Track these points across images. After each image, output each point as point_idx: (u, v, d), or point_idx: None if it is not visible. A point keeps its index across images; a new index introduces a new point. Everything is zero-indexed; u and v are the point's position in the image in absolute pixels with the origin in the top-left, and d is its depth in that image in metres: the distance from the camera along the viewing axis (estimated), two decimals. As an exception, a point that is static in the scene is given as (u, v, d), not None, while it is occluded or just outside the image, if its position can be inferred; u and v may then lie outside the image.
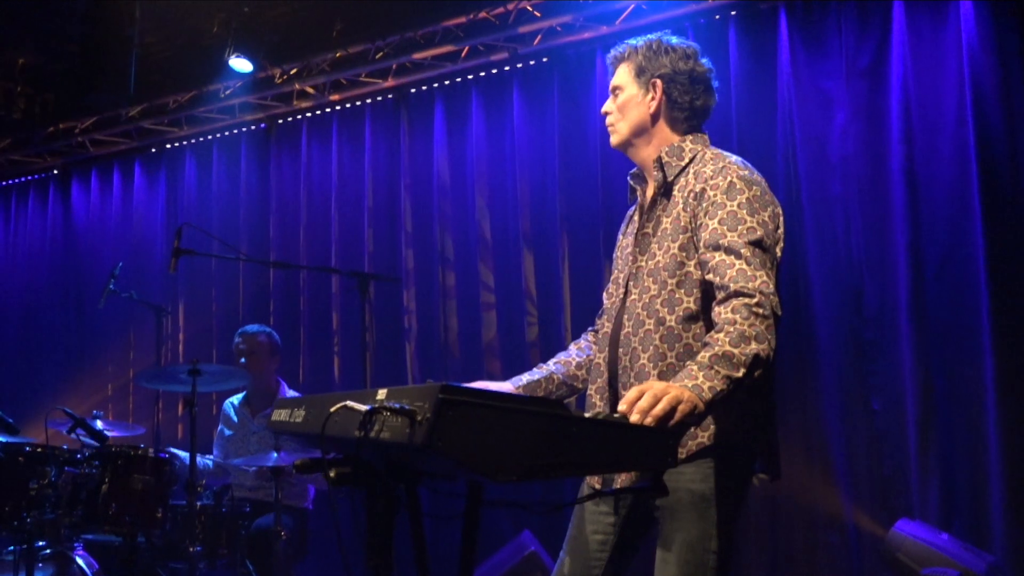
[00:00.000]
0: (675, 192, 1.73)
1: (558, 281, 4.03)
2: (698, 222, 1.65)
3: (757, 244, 1.58)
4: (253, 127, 4.94)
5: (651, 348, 1.67)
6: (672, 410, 1.34)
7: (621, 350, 1.74)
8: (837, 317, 3.49)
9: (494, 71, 4.33)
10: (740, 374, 1.44)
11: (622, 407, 1.35)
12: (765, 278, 1.55)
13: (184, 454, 3.28)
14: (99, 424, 3.28)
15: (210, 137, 5.06)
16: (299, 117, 4.82)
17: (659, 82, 1.78)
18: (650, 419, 1.33)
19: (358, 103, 4.66)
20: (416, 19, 4.27)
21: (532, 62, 4.24)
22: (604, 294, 1.91)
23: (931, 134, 3.40)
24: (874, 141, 3.51)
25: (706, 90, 1.81)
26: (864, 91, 3.55)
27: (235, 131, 4.98)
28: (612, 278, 1.87)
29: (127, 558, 2.98)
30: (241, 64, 4.45)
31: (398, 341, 4.37)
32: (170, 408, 4.71)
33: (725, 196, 1.63)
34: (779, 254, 1.68)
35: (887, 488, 3.34)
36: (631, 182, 1.87)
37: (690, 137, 1.78)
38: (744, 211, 1.61)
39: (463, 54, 4.30)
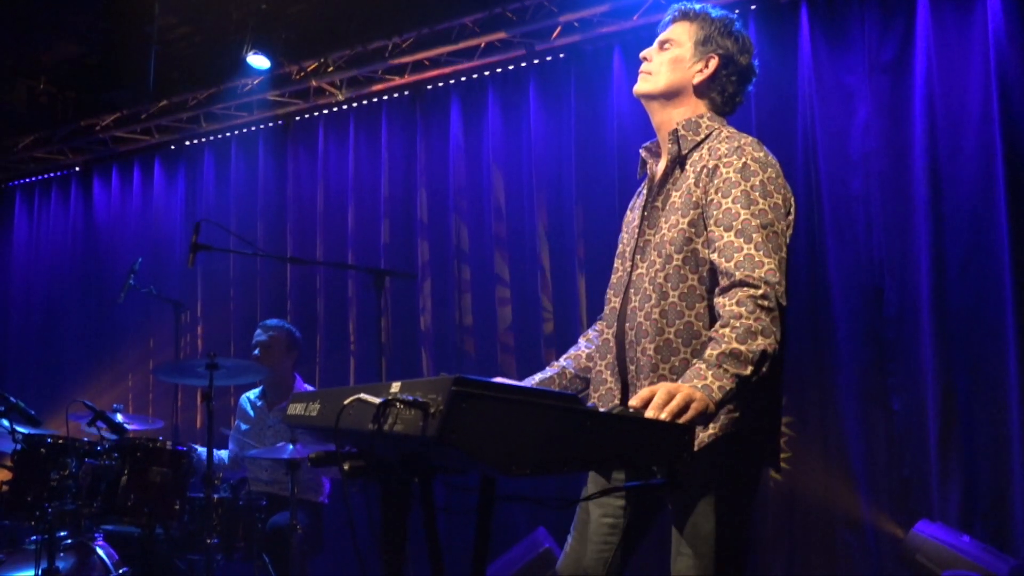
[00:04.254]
0: (688, 166, 1.71)
1: (573, 277, 4.02)
2: (709, 198, 1.62)
3: (768, 227, 1.56)
4: (271, 124, 4.97)
5: (652, 320, 1.66)
6: (686, 407, 1.35)
7: (627, 324, 1.72)
8: (857, 316, 3.44)
9: (511, 68, 4.32)
10: (748, 372, 1.43)
11: (633, 403, 1.35)
12: (772, 266, 1.52)
13: (202, 449, 3.30)
14: (119, 417, 3.32)
15: (228, 134, 5.10)
16: (316, 114, 4.84)
17: (716, 59, 1.76)
18: (665, 414, 1.33)
19: (375, 100, 4.67)
20: (433, 15, 4.26)
21: (549, 58, 4.22)
22: (617, 259, 1.88)
23: (955, 130, 3.35)
24: (897, 137, 3.46)
25: (744, 89, 1.81)
26: (887, 86, 3.49)
27: (253, 128, 5.02)
28: (618, 252, 1.85)
29: (145, 549, 3.02)
30: (259, 61, 4.48)
31: (414, 336, 4.38)
32: (189, 402, 4.75)
33: (739, 175, 1.61)
34: (788, 240, 1.65)
35: (907, 489, 3.30)
36: (643, 155, 1.84)
37: (709, 115, 1.76)
38: (757, 193, 1.59)
39: (480, 50, 4.29)
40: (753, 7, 3.75)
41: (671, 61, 1.77)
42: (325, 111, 4.80)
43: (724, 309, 1.49)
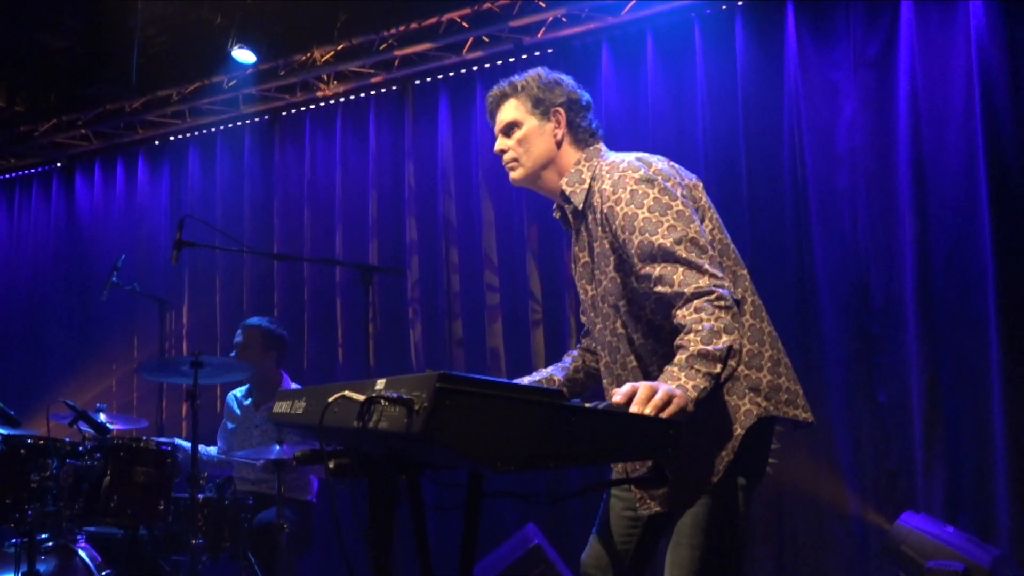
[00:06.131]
0: (590, 217, 1.75)
1: (562, 271, 4.01)
2: (620, 240, 1.66)
3: (683, 239, 1.59)
4: (257, 119, 4.93)
5: (630, 368, 1.71)
6: (668, 402, 1.37)
7: (608, 380, 1.78)
8: (843, 310, 3.46)
9: (499, 62, 4.30)
10: (718, 369, 1.47)
11: (617, 399, 1.36)
12: (710, 269, 1.56)
13: (187, 444, 3.27)
14: (102, 416, 3.27)
15: (213, 129, 5.05)
16: (303, 109, 4.80)
17: (561, 110, 1.80)
18: (649, 409, 1.34)
19: (362, 95, 4.64)
20: (420, 10, 4.24)
21: (537, 53, 4.21)
22: (581, 315, 1.93)
23: (939, 125, 3.37)
24: (882, 132, 3.48)
25: (593, 118, 1.86)
26: (872, 82, 3.51)
27: (239, 123, 4.97)
28: (581, 307, 1.90)
29: (129, 550, 2.98)
30: (244, 55, 4.44)
31: (402, 333, 4.36)
32: (174, 401, 4.71)
33: (632, 206, 1.64)
34: (712, 223, 1.69)
35: (892, 481, 3.32)
36: (556, 215, 1.88)
37: (583, 155, 1.79)
38: (656, 213, 1.61)
39: (467, 45, 4.28)
40: (740, 3, 3.75)
41: (525, 139, 1.80)
42: (312, 106, 4.77)
43: (685, 319, 1.53)
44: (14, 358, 5.43)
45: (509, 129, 1.82)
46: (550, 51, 4.18)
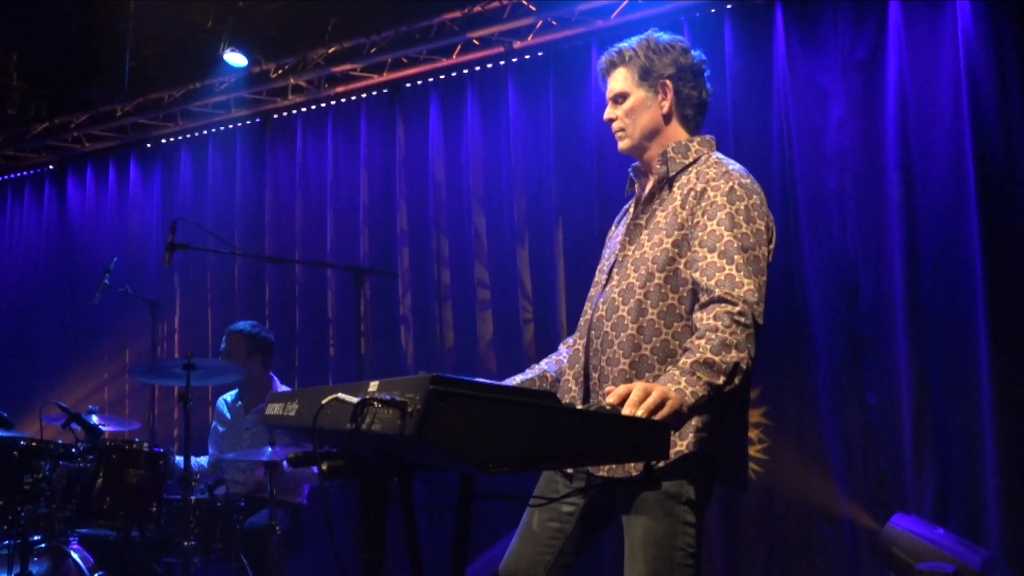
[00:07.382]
0: (675, 188, 1.75)
1: (553, 275, 4.03)
2: (695, 220, 1.67)
3: (750, 251, 1.61)
4: (248, 122, 4.93)
5: (624, 335, 1.68)
6: (661, 404, 1.37)
7: (593, 333, 1.76)
8: (833, 312, 3.48)
9: (489, 66, 4.31)
10: (720, 381, 1.47)
11: (611, 399, 1.36)
12: (751, 286, 1.56)
13: (179, 458, 3.26)
14: (94, 419, 3.27)
15: (205, 132, 5.05)
16: (294, 112, 4.80)
17: (669, 83, 1.80)
18: (641, 411, 1.34)
19: (353, 98, 4.65)
20: (411, 13, 4.25)
21: (527, 56, 4.23)
22: (593, 284, 1.92)
23: (927, 128, 3.40)
24: (870, 135, 3.50)
25: (705, 81, 1.85)
26: (860, 85, 3.54)
27: (230, 126, 4.97)
28: (599, 267, 1.89)
29: (122, 552, 2.98)
30: (236, 59, 4.44)
31: (393, 335, 4.37)
32: (166, 403, 4.70)
33: (726, 199, 1.66)
34: (768, 265, 1.69)
35: (882, 483, 3.34)
36: (631, 174, 1.89)
37: (697, 139, 1.81)
38: (741, 217, 1.64)
39: (458, 49, 4.29)
40: (728, 7, 3.78)
41: (632, 111, 1.81)
42: (303, 109, 4.77)
43: (701, 323, 1.53)
44: (6, 360, 5.40)
45: (616, 98, 1.84)
46: (540, 54, 4.20)
